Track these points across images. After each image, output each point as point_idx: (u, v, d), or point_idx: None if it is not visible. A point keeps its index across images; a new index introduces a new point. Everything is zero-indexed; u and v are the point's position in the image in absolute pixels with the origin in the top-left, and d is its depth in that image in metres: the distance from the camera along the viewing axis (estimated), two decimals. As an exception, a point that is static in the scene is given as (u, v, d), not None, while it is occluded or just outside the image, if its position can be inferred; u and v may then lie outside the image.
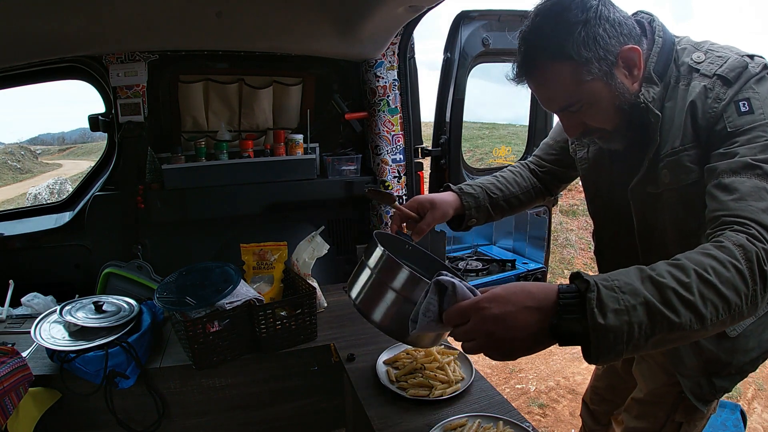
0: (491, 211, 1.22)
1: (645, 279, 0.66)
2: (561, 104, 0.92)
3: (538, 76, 0.90)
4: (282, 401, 1.54)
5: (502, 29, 2.11)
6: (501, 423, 1.03)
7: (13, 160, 12.06)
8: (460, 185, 1.22)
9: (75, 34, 1.57)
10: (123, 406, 1.38)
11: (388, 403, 1.15)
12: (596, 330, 0.62)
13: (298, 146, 2.04)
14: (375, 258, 0.94)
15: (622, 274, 0.67)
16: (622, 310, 0.62)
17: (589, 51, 0.84)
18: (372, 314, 0.93)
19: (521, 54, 0.89)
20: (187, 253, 1.99)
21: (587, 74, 0.85)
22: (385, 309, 0.91)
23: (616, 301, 0.63)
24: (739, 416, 1.79)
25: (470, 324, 0.70)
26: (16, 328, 1.56)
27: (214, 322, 1.34)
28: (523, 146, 2.60)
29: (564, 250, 5.56)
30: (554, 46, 0.85)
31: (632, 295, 0.64)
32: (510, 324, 0.67)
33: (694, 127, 0.88)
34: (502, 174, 1.29)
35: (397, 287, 0.89)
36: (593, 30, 0.84)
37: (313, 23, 1.73)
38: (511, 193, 1.25)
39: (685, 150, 0.89)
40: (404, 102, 2.10)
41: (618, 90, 0.89)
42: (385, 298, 0.91)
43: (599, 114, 0.91)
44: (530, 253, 2.17)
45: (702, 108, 0.87)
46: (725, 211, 0.77)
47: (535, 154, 1.32)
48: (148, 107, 1.87)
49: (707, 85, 0.87)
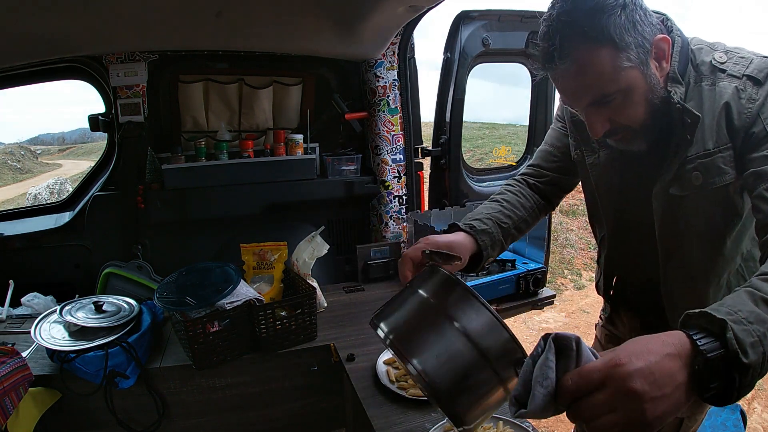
0: (504, 243, 1.08)
1: (759, 302, 0.60)
2: (596, 95, 0.84)
3: (573, 61, 0.81)
4: (282, 401, 1.54)
5: (502, 29, 2.11)
6: (501, 423, 1.03)
7: (13, 160, 12.06)
8: (469, 222, 1.04)
9: (75, 34, 1.57)
10: (123, 406, 1.38)
11: (388, 403, 1.15)
12: (740, 369, 0.54)
13: (298, 146, 2.04)
14: (438, 285, 0.71)
15: (737, 302, 0.60)
16: (756, 342, 0.56)
17: (630, 35, 0.80)
18: (421, 355, 0.65)
19: (554, 37, 0.81)
20: (187, 253, 1.99)
21: (626, 60, 0.81)
22: (447, 356, 0.65)
23: (749, 334, 0.56)
24: (739, 416, 1.79)
25: (608, 390, 0.52)
26: (16, 328, 1.56)
27: (214, 322, 1.34)
28: (523, 146, 2.60)
29: (564, 250, 5.56)
30: (595, 28, 0.79)
31: (760, 323, 0.57)
32: (659, 379, 0.52)
33: (729, 129, 0.86)
34: (504, 198, 1.15)
35: (471, 330, 0.64)
36: (631, 14, 0.80)
37: (313, 23, 1.73)
38: (520, 218, 1.13)
39: (720, 152, 0.87)
40: (404, 102, 2.10)
41: (652, 81, 0.85)
42: (451, 342, 0.65)
43: (631, 108, 0.86)
44: (530, 253, 2.16)
45: (737, 109, 0.85)
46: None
47: (533, 164, 1.22)
48: (148, 107, 1.87)
49: (738, 86, 0.85)
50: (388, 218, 2.18)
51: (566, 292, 4.85)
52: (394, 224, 2.18)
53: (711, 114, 0.87)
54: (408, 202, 2.19)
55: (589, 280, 5.06)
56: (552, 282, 4.87)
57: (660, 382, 0.52)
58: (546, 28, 0.82)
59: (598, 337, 1.34)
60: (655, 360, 0.53)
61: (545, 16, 0.83)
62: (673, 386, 0.53)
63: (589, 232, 5.82)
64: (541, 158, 1.22)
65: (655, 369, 0.53)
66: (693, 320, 0.58)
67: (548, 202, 1.22)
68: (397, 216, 2.18)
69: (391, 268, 2.00)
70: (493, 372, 0.64)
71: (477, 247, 1.01)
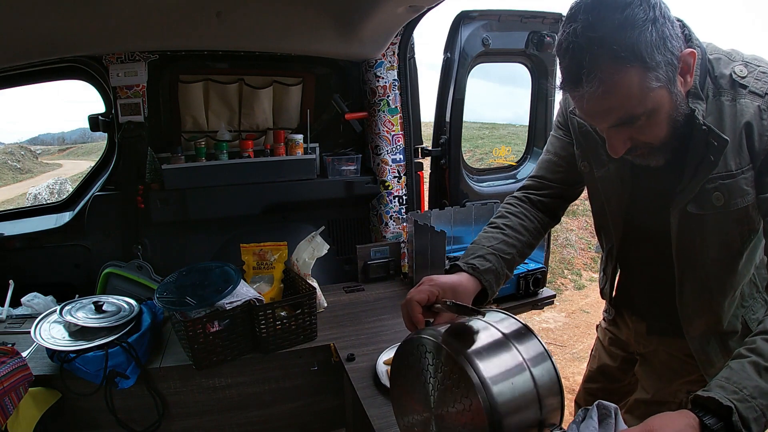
0: (509, 273, 1.06)
1: (763, 372, 0.69)
2: (619, 116, 0.78)
3: (598, 83, 0.74)
4: (282, 401, 1.54)
5: (502, 29, 2.11)
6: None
7: (13, 160, 12.06)
8: (471, 262, 1.00)
9: (75, 34, 1.57)
10: (123, 406, 1.38)
11: (388, 403, 1.14)
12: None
13: (298, 146, 2.04)
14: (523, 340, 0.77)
15: (742, 377, 0.69)
16: (760, 416, 0.67)
17: (660, 54, 0.73)
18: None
19: (579, 55, 0.74)
20: (187, 253, 1.99)
21: (655, 80, 0.75)
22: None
23: (753, 410, 0.67)
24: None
25: None
26: (16, 328, 1.56)
27: (214, 322, 1.34)
28: (523, 146, 2.60)
29: (564, 250, 5.56)
30: (625, 47, 0.72)
31: (762, 396, 0.67)
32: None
33: (750, 150, 0.84)
34: (506, 223, 1.09)
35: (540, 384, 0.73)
36: (662, 30, 0.73)
37: (313, 23, 1.73)
38: (523, 243, 1.08)
39: (743, 173, 0.85)
40: (404, 102, 2.09)
41: (677, 99, 0.80)
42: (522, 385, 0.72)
43: (655, 127, 0.81)
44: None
45: (758, 130, 0.82)
46: None
47: (536, 176, 1.17)
48: (148, 107, 1.87)
49: (761, 106, 0.82)
50: (388, 218, 2.18)
51: (566, 292, 4.85)
52: (394, 224, 2.18)
53: (732, 133, 0.83)
54: (408, 202, 2.19)
55: (589, 280, 5.06)
56: (552, 282, 4.88)
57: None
58: (568, 44, 0.75)
59: (600, 339, 1.33)
60: (679, 428, 0.66)
61: (566, 30, 0.75)
62: None
63: (589, 232, 5.82)
64: (545, 169, 1.16)
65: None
66: (702, 400, 0.69)
67: (552, 216, 1.17)
68: (397, 216, 2.18)
69: (391, 268, 2.00)
70: (538, 422, 0.72)
71: (481, 287, 0.99)
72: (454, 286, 0.94)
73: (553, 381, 0.73)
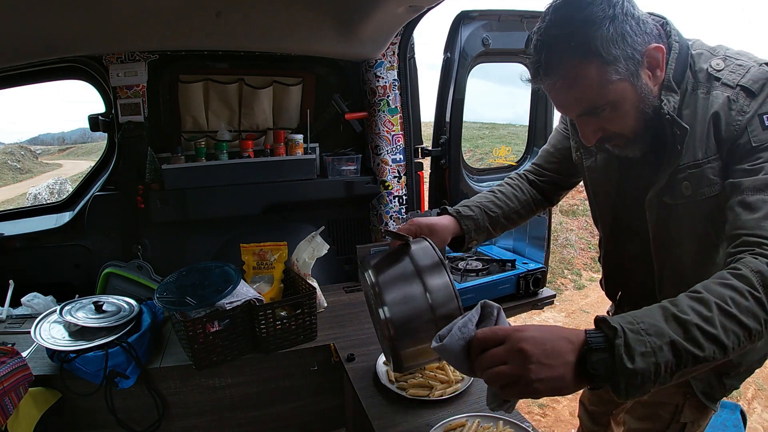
0: (491, 230, 1.18)
1: (669, 318, 0.67)
2: (585, 107, 0.85)
3: (560, 76, 0.82)
4: (282, 401, 1.54)
5: (502, 29, 2.11)
6: (501, 423, 1.03)
7: (13, 160, 12.06)
8: (457, 208, 1.16)
9: (75, 34, 1.57)
10: (123, 406, 1.38)
11: (388, 403, 1.15)
12: (625, 373, 0.63)
13: (298, 146, 2.04)
14: (421, 250, 0.95)
15: (646, 315, 0.68)
16: (649, 352, 0.64)
17: (618, 48, 0.79)
18: (388, 296, 0.88)
19: (542, 52, 0.82)
20: (187, 253, 1.99)
21: (615, 74, 0.80)
22: (405, 299, 0.87)
23: (642, 344, 0.64)
24: (739, 416, 1.79)
25: (505, 346, 0.66)
26: (16, 328, 1.56)
27: (214, 322, 1.35)
28: (523, 146, 2.60)
29: (564, 250, 5.56)
30: (581, 43, 0.79)
31: (658, 336, 0.65)
32: (549, 350, 0.65)
33: (717, 139, 0.85)
34: (500, 189, 1.24)
35: (431, 285, 0.88)
36: (621, 26, 0.79)
37: (313, 23, 1.73)
38: (511, 209, 1.20)
39: (709, 162, 0.87)
40: (404, 102, 2.09)
41: (643, 92, 0.85)
42: (412, 289, 0.88)
43: (622, 118, 0.86)
44: (530, 253, 2.16)
45: (725, 120, 0.84)
46: (747, 230, 0.77)
47: (535, 163, 1.28)
48: (148, 107, 1.87)
49: (731, 96, 0.84)
50: (388, 218, 2.18)
51: (566, 292, 4.84)
52: (394, 224, 2.18)
53: (702, 124, 0.86)
54: (408, 202, 2.19)
55: (589, 280, 5.06)
56: (552, 282, 4.87)
57: (549, 353, 0.65)
58: (536, 41, 0.83)
59: None
60: (551, 338, 0.66)
61: (536, 26, 0.84)
62: (560, 361, 0.65)
63: (589, 232, 5.82)
64: (542, 158, 1.26)
65: (549, 343, 0.65)
66: (598, 323, 0.68)
67: (546, 198, 1.27)
68: (397, 216, 2.18)
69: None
70: (433, 321, 0.85)
71: (461, 230, 1.13)
72: (431, 225, 1.09)
73: (446, 287, 0.88)
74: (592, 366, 0.64)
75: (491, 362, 0.67)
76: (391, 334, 0.86)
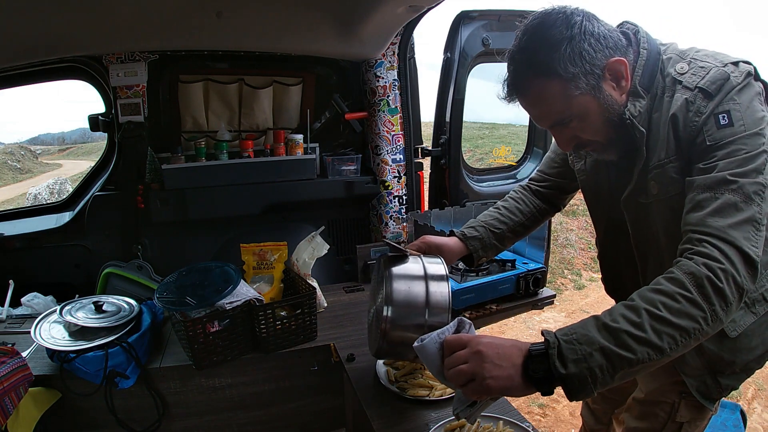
0: (498, 245, 1.26)
1: (600, 327, 0.75)
2: (552, 120, 0.94)
3: (528, 94, 0.91)
4: (282, 401, 1.54)
5: (502, 29, 2.11)
6: (501, 423, 1.03)
7: (13, 160, 12.07)
8: (462, 230, 1.26)
9: (75, 34, 1.57)
10: (123, 406, 1.38)
11: (388, 403, 1.15)
12: (561, 378, 0.74)
13: (298, 146, 2.04)
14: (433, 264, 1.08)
15: (581, 326, 0.77)
16: (580, 359, 0.73)
17: (576, 66, 0.85)
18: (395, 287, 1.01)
19: (510, 73, 0.91)
20: (187, 253, 1.99)
21: (575, 89, 0.87)
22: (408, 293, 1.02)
23: (574, 352, 0.74)
24: (739, 416, 1.79)
25: (467, 349, 0.80)
26: (16, 328, 1.56)
27: (214, 322, 1.35)
28: (523, 146, 2.59)
29: (564, 250, 5.56)
30: (542, 64, 0.86)
31: (588, 344, 0.74)
32: (501, 353, 0.78)
33: (676, 140, 0.90)
34: (504, 204, 1.31)
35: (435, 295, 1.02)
36: (578, 46, 0.85)
37: (313, 23, 1.73)
38: (515, 222, 1.28)
39: (670, 162, 0.91)
40: (404, 102, 2.10)
41: (606, 103, 0.90)
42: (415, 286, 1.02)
43: (590, 127, 0.93)
44: (530, 253, 2.16)
45: (683, 121, 0.88)
46: (692, 226, 0.82)
47: (539, 170, 1.35)
48: (148, 107, 1.87)
49: (689, 98, 0.87)
50: (388, 218, 2.18)
51: (566, 292, 4.84)
52: (394, 224, 2.19)
53: (664, 126, 0.91)
54: (408, 202, 2.19)
55: (589, 280, 5.06)
56: (552, 282, 4.87)
57: (502, 356, 0.78)
58: (509, 62, 0.92)
59: None
60: (504, 344, 0.80)
61: (509, 48, 0.92)
62: (509, 363, 0.77)
63: (589, 232, 5.82)
64: (545, 164, 1.33)
65: (501, 348, 0.79)
66: (542, 334, 0.79)
67: (551, 205, 1.32)
68: (397, 216, 2.19)
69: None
70: (423, 325, 1.00)
71: (468, 251, 1.24)
72: (440, 245, 1.20)
73: (444, 296, 1.02)
74: (533, 370, 0.76)
75: (455, 362, 0.80)
76: (389, 316, 1.01)
